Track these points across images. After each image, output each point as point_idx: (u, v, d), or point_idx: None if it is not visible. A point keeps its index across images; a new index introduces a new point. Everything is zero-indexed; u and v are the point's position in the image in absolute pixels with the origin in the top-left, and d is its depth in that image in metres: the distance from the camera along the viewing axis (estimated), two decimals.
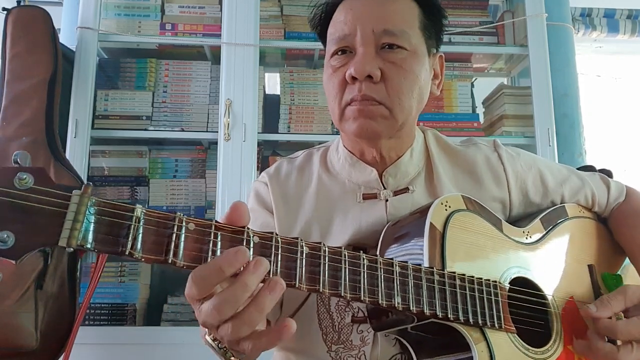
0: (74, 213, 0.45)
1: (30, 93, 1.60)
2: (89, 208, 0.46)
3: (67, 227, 0.44)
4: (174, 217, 0.50)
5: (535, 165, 0.89)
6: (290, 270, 0.55)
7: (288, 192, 0.86)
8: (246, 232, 0.53)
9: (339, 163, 0.86)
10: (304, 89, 1.98)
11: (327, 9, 0.83)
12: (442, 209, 0.72)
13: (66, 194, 0.46)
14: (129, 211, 0.48)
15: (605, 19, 2.72)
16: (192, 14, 1.99)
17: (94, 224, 0.46)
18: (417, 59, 0.78)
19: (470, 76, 2.13)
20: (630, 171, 3.02)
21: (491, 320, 0.67)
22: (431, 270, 0.65)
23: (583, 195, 0.90)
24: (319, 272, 0.57)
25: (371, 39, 0.75)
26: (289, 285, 0.54)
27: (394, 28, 0.75)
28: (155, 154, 1.96)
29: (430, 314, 0.63)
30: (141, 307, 1.78)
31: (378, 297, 0.60)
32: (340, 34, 0.78)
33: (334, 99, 0.78)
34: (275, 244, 0.55)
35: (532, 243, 0.80)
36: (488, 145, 0.90)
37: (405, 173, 0.83)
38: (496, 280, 0.70)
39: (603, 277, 0.83)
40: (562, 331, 0.75)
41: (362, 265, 0.60)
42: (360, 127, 0.76)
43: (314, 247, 0.57)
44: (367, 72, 0.73)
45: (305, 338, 0.79)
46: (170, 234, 0.49)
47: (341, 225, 0.81)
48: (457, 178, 0.85)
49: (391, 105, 0.75)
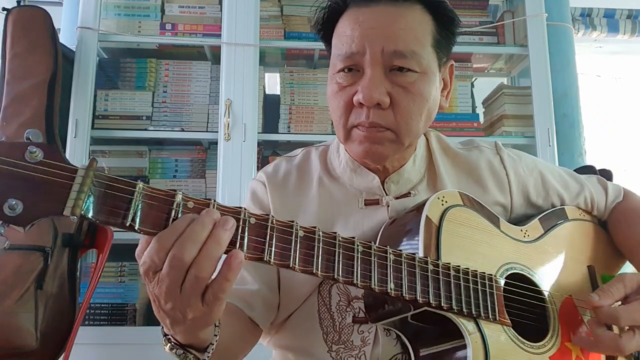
0: (79, 185, 0.48)
1: (30, 93, 1.60)
2: (93, 181, 0.49)
3: (72, 197, 0.48)
4: (173, 194, 0.53)
5: (537, 169, 0.89)
6: (285, 252, 0.56)
7: (287, 193, 0.85)
8: (243, 212, 0.55)
9: (340, 167, 0.85)
10: (304, 89, 1.98)
11: (330, 14, 0.79)
12: (438, 204, 0.72)
13: (73, 167, 0.49)
14: (130, 186, 0.51)
15: (605, 19, 2.72)
16: (192, 14, 1.99)
17: (97, 196, 0.49)
18: (427, 79, 0.75)
19: (470, 76, 2.13)
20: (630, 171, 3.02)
21: (485, 311, 0.67)
22: (425, 260, 0.65)
23: (582, 199, 0.91)
24: (313, 254, 0.58)
25: (380, 60, 0.72)
26: (283, 266, 0.56)
27: (404, 49, 0.72)
28: (155, 154, 1.96)
29: (423, 302, 0.64)
30: (141, 307, 1.78)
31: (371, 281, 0.61)
32: (347, 51, 0.73)
33: (339, 118, 0.76)
34: (271, 225, 0.56)
35: (530, 241, 0.80)
36: (490, 148, 0.89)
37: (407, 180, 0.83)
38: (491, 274, 0.71)
39: (603, 278, 0.84)
40: (559, 328, 0.75)
41: (356, 250, 0.61)
42: (366, 151, 0.75)
43: (309, 231, 0.59)
44: (376, 100, 0.71)
45: (306, 337, 0.79)
46: (169, 209, 0.52)
47: (342, 231, 0.80)
48: (461, 181, 0.85)
49: (398, 130, 0.74)
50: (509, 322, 0.70)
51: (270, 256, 0.55)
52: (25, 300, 1.30)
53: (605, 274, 0.84)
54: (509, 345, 0.69)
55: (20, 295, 1.29)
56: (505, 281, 0.73)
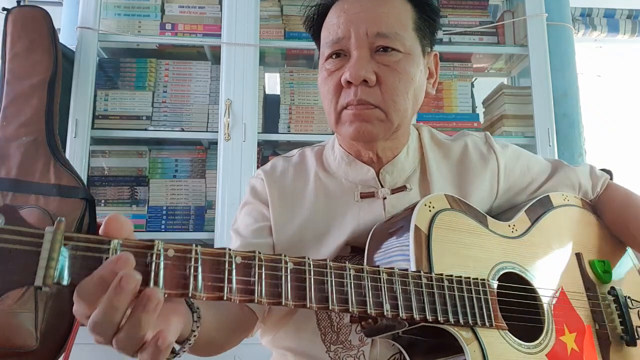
0: (47, 251, 0.43)
1: (30, 93, 1.60)
2: (62, 245, 0.44)
3: (42, 265, 0.43)
4: (153, 246, 0.48)
5: (523, 155, 0.92)
6: (275, 289, 0.54)
7: (285, 189, 0.86)
8: (227, 253, 0.52)
9: (335, 162, 0.86)
10: (304, 89, 1.98)
11: (320, 11, 0.83)
12: (425, 210, 0.72)
13: (39, 232, 0.44)
14: (104, 243, 0.46)
15: (605, 19, 2.72)
16: (192, 14, 1.99)
17: (69, 259, 0.45)
18: (412, 60, 0.78)
19: (470, 76, 2.13)
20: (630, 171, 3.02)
21: (481, 319, 0.67)
22: (418, 274, 0.65)
23: (569, 183, 0.92)
24: (305, 287, 0.56)
25: (365, 41, 0.75)
26: (276, 304, 0.53)
27: (387, 31, 0.75)
28: (155, 154, 1.96)
29: (420, 319, 0.63)
30: None
31: (367, 306, 0.59)
32: (334, 37, 0.77)
33: (330, 102, 0.79)
34: (259, 263, 0.53)
35: (518, 237, 0.80)
36: (479, 136, 0.92)
37: (402, 170, 0.84)
38: (484, 279, 0.71)
39: (591, 264, 0.84)
40: (553, 323, 0.75)
41: (348, 276, 0.59)
42: (356, 130, 0.76)
43: (298, 262, 0.56)
44: (363, 77, 0.74)
45: (304, 338, 0.79)
46: (149, 262, 0.48)
47: (339, 225, 0.81)
48: (450, 171, 0.86)
49: (386, 108, 0.76)
50: (505, 327, 0.69)
51: (261, 295, 0.52)
52: (25, 300, 1.30)
53: (594, 259, 0.85)
54: (507, 349, 0.68)
55: (20, 295, 1.29)
56: (498, 283, 0.72)
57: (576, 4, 2.62)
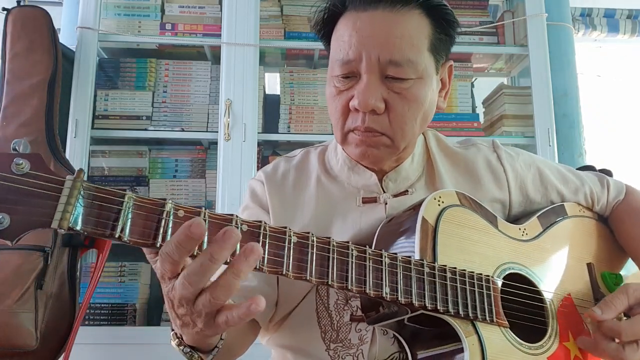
0: (66, 197, 0.47)
1: (30, 93, 1.60)
2: (80, 192, 0.48)
3: (59, 209, 0.46)
4: (163, 204, 0.51)
5: (535, 165, 0.89)
6: (278, 258, 0.56)
7: (285, 192, 0.85)
8: (234, 220, 0.54)
9: (338, 165, 0.86)
10: (304, 89, 1.98)
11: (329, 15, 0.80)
12: (435, 204, 0.72)
13: (60, 179, 0.47)
14: (119, 196, 0.49)
15: (605, 19, 2.72)
16: (192, 14, 1.99)
17: (85, 207, 0.48)
18: (423, 83, 0.75)
19: (470, 76, 2.13)
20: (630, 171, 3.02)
21: (482, 313, 0.67)
22: (421, 263, 0.65)
23: (582, 195, 0.90)
24: (307, 260, 0.57)
25: (376, 67, 0.73)
26: (277, 273, 0.55)
27: (400, 58, 0.72)
28: (155, 154, 1.96)
29: (419, 306, 0.63)
30: (141, 307, 1.77)
31: (366, 286, 0.60)
32: (344, 57, 0.74)
33: (337, 121, 0.78)
34: (264, 232, 0.55)
35: (528, 240, 0.80)
36: (487, 145, 0.90)
37: (405, 178, 0.83)
38: (488, 275, 0.70)
39: (603, 276, 0.83)
40: (557, 328, 0.75)
41: (350, 255, 0.61)
42: (362, 153, 0.77)
43: (302, 237, 0.58)
44: (371, 106, 0.72)
45: (304, 336, 0.79)
46: (159, 219, 0.50)
47: (340, 229, 0.81)
48: (458, 180, 0.85)
49: (393, 135, 0.75)
50: (506, 324, 0.69)
51: (262, 263, 0.54)
52: (25, 300, 1.30)
53: (605, 271, 0.84)
54: (507, 347, 0.68)
55: (20, 295, 1.29)
56: (503, 282, 0.72)
57: (576, 4, 2.61)
